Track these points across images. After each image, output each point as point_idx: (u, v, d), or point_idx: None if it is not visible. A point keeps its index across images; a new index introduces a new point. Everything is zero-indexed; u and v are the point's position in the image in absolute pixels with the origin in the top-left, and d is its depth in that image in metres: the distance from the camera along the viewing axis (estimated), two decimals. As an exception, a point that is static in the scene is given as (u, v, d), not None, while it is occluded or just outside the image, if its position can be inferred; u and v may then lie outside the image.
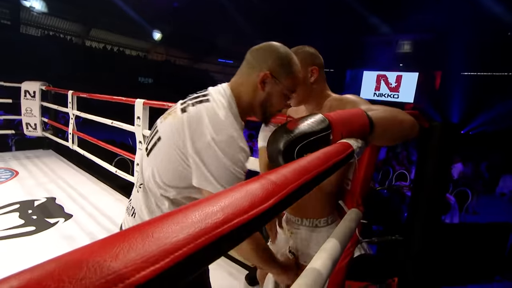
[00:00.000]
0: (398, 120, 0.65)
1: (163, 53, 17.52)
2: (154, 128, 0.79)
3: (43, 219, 2.18)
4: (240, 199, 0.20)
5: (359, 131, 0.56)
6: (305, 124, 0.51)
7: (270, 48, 0.72)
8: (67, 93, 3.28)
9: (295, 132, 0.50)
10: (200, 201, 0.19)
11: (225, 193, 0.20)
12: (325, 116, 0.53)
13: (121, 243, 0.13)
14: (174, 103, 1.68)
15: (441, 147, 0.90)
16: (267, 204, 0.21)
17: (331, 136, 0.52)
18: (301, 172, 0.29)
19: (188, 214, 0.17)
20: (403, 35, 13.28)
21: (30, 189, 2.69)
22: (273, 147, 0.51)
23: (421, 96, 13.31)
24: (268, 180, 0.25)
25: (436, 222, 0.93)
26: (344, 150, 0.46)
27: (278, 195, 0.23)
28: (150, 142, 0.78)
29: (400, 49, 13.94)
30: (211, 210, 0.17)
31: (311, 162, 0.33)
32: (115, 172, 2.61)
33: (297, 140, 0.49)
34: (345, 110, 0.59)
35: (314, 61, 0.91)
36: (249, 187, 0.22)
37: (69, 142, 3.42)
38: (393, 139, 0.69)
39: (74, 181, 3.04)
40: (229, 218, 0.17)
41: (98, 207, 2.47)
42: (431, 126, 0.92)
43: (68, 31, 14.18)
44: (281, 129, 0.53)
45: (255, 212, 0.19)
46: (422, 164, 0.92)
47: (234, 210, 0.18)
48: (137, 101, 2.20)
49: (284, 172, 0.27)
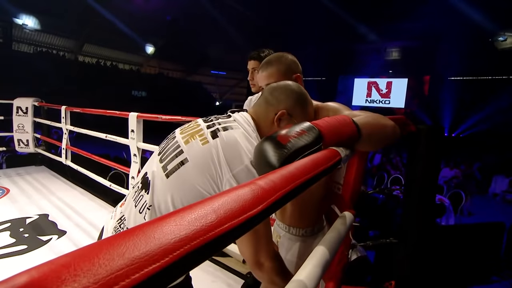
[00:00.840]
0: (381, 125, 0.66)
1: (156, 66, 17.65)
2: (173, 147, 0.74)
3: (35, 236, 2.13)
4: (231, 203, 0.22)
5: (348, 139, 0.56)
6: (300, 138, 0.49)
7: (287, 88, 0.78)
8: (61, 108, 3.27)
9: (289, 148, 0.48)
10: (196, 205, 0.20)
11: (217, 198, 0.22)
12: (314, 125, 0.52)
13: (126, 242, 0.15)
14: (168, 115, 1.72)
15: (429, 149, 0.93)
16: (256, 210, 0.23)
17: (322, 147, 0.52)
18: (290, 178, 0.31)
19: (185, 216, 0.18)
20: (391, 43, 13.69)
21: (22, 206, 2.64)
22: (266, 163, 0.48)
23: (411, 101, 13.63)
24: (258, 186, 0.26)
25: (429, 223, 0.95)
26: (332, 158, 0.47)
27: (267, 201, 0.25)
28: (170, 163, 0.72)
29: (389, 56, 14.33)
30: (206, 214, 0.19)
31: (299, 169, 0.34)
32: (109, 186, 2.59)
33: (293, 156, 0.47)
34: (332, 117, 0.58)
35: (296, 68, 0.93)
36: (240, 192, 0.24)
37: (63, 157, 3.39)
38: (378, 144, 0.70)
39: (67, 196, 2.99)
40: (221, 222, 0.19)
41: (92, 223, 2.43)
42: (418, 130, 0.96)
43: (61, 47, 14.23)
44: (271, 143, 0.49)
45: (244, 217, 0.21)
46: (411, 167, 0.95)
47: (226, 214, 0.20)
48: (130, 115, 2.21)
49: (273, 178, 0.29)
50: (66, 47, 14.40)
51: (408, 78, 13.69)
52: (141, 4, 13.07)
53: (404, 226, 0.95)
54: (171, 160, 0.72)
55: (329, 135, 0.52)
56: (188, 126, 0.79)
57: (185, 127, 0.80)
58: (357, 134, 0.58)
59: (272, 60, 0.92)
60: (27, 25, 12.41)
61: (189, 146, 0.71)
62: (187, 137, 0.74)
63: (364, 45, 13.97)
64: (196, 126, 0.76)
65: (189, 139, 0.73)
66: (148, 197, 0.72)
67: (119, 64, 16.15)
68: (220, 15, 13.42)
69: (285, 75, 0.90)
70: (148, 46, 16.33)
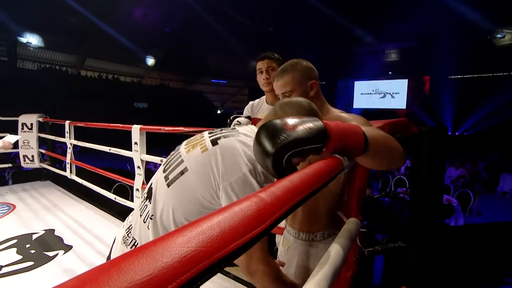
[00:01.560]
0: (389, 146, 0.64)
1: (157, 77, 17.86)
2: (176, 158, 0.75)
3: (42, 252, 2.13)
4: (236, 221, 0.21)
5: (352, 149, 0.54)
6: (302, 129, 0.46)
7: (298, 104, 0.78)
8: (64, 123, 3.31)
9: (289, 135, 0.45)
10: (201, 223, 0.20)
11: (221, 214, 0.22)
12: (325, 124, 0.49)
13: (135, 267, 0.15)
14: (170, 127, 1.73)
15: (432, 150, 0.92)
16: (261, 228, 0.22)
17: (324, 148, 0.49)
18: (293, 191, 0.30)
19: (191, 235, 0.18)
20: (389, 44, 13.74)
21: (28, 222, 2.64)
22: (262, 149, 0.46)
23: (412, 101, 13.60)
24: (261, 200, 0.26)
25: (437, 225, 0.94)
26: (336, 168, 0.46)
27: (271, 217, 0.24)
28: (171, 172, 0.72)
29: (387, 58, 14.36)
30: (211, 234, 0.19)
31: (303, 180, 0.33)
32: (114, 199, 2.59)
33: (290, 145, 0.45)
34: (345, 123, 0.56)
35: (312, 75, 0.93)
36: (243, 206, 0.24)
37: (67, 171, 3.41)
38: (380, 163, 0.68)
39: (73, 211, 3.00)
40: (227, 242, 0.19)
41: (98, 236, 2.43)
42: (420, 131, 0.96)
43: (63, 63, 14.50)
44: (274, 127, 0.47)
45: (249, 235, 0.21)
46: (415, 168, 0.94)
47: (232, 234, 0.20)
48: (133, 127, 2.23)
49: (277, 191, 0.29)
50: (68, 62, 14.67)
51: (408, 78, 13.69)
52: (140, 18, 13.33)
53: (411, 229, 0.94)
54: (173, 170, 0.73)
55: (335, 137, 0.50)
56: (194, 138, 0.80)
57: (191, 139, 0.81)
58: (364, 147, 0.56)
59: (287, 68, 0.92)
60: (31, 43, 12.68)
61: (189, 155, 0.72)
62: (189, 147, 0.75)
63: (362, 47, 14.04)
64: (200, 137, 0.77)
65: (191, 149, 0.74)
66: (151, 206, 0.73)
67: (120, 76, 16.38)
68: (218, 24, 13.62)
69: (301, 83, 0.90)
70: (149, 58, 16.57)
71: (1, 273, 1.86)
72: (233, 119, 1.31)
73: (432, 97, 12.88)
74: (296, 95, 0.89)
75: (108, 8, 12.20)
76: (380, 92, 14.68)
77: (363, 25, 12.49)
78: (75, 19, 11.81)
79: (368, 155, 0.58)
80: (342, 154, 0.55)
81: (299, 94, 0.90)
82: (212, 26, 13.66)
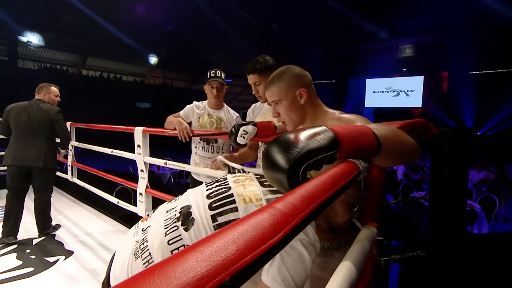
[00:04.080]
0: (402, 140, 0.64)
1: (160, 76, 18.06)
2: (228, 199, 0.72)
3: (42, 258, 2.17)
4: (251, 231, 0.21)
5: (366, 150, 0.54)
6: (312, 140, 0.47)
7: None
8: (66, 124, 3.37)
9: (302, 148, 0.46)
10: (215, 237, 0.20)
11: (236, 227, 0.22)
12: (332, 130, 0.50)
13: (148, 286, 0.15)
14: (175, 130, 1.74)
15: (454, 154, 0.90)
16: (277, 237, 0.22)
17: (337, 154, 0.50)
18: (309, 199, 0.30)
19: (205, 250, 0.18)
20: (402, 40, 13.55)
21: (28, 226, 2.69)
22: (274, 165, 0.47)
23: (429, 99, 13.36)
24: (277, 210, 0.26)
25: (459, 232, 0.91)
26: (351, 172, 0.45)
27: (287, 226, 0.24)
28: (222, 215, 0.70)
29: (401, 54, 14.18)
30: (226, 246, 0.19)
31: (318, 188, 0.33)
32: (117, 203, 2.62)
33: (303, 158, 0.45)
34: (351, 125, 0.57)
35: (300, 83, 0.96)
36: (259, 218, 0.23)
37: (69, 174, 3.46)
38: (396, 160, 0.68)
39: (74, 215, 3.04)
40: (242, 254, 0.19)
41: (100, 241, 2.46)
42: (441, 133, 0.93)
43: (64, 62, 14.80)
44: (280, 143, 0.48)
45: (266, 246, 0.20)
46: (436, 173, 0.92)
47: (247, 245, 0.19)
48: (136, 129, 2.25)
49: (291, 200, 0.28)
50: (69, 61, 14.97)
51: (424, 75, 13.48)
52: (142, 15, 13.51)
53: (432, 237, 0.92)
54: (224, 213, 0.69)
55: (346, 142, 0.50)
56: (244, 179, 0.79)
57: (240, 178, 0.80)
58: (377, 146, 0.56)
59: (274, 79, 0.97)
60: (32, 42, 12.99)
61: (245, 209, 0.69)
62: (243, 195, 0.72)
63: (374, 44, 13.88)
64: (254, 186, 0.75)
65: (246, 199, 0.71)
66: (186, 236, 0.68)
67: (122, 76, 16.62)
68: (223, 21, 13.69)
69: (287, 92, 0.95)
70: (151, 56, 16.77)
71: (1, 279, 1.90)
72: (238, 129, 1.31)
73: (451, 94, 12.58)
74: (285, 103, 0.96)
75: (110, 6, 12.41)
76: (394, 90, 14.50)
77: (375, 19, 12.34)
78: (76, 17, 12.06)
79: (382, 153, 0.57)
80: (356, 157, 0.54)
81: (288, 103, 0.96)
82: (217, 23, 13.74)
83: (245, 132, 1.30)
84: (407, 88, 14.08)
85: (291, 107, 0.96)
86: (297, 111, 0.96)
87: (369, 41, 13.63)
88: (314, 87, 1.01)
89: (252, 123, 1.33)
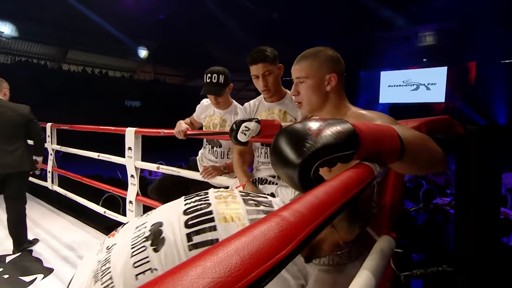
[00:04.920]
0: (429, 149, 0.65)
1: (151, 71, 18.14)
2: (207, 216, 0.71)
3: (17, 277, 2.15)
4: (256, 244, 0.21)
5: (387, 154, 0.54)
6: (331, 133, 0.46)
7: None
8: (45, 126, 3.38)
9: (317, 142, 0.45)
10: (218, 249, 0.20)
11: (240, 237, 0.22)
12: (354, 126, 0.49)
13: None
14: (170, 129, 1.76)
15: (483, 155, 0.90)
16: (285, 252, 0.22)
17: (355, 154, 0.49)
18: (320, 207, 0.30)
19: (207, 265, 0.18)
20: (423, 27, 13.46)
21: (1, 241, 2.68)
22: (284, 158, 0.46)
23: (453, 93, 13.27)
24: (284, 220, 0.25)
25: (491, 244, 0.90)
26: (365, 178, 0.45)
27: (296, 239, 0.24)
28: (198, 234, 0.67)
29: (421, 42, 14.11)
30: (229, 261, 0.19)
31: (329, 194, 0.33)
32: (103, 213, 2.63)
33: (318, 153, 0.45)
34: (376, 124, 0.56)
35: (333, 68, 0.96)
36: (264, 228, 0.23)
37: (48, 181, 3.48)
38: (419, 169, 0.69)
39: (54, 227, 3.05)
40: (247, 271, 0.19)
41: (83, 256, 2.46)
42: (468, 131, 0.93)
43: (42, 55, 14.87)
44: (297, 132, 0.47)
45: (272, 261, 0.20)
46: (462, 177, 0.92)
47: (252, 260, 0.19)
48: (127, 130, 2.25)
49: (300, 208, 0.28)
50: (47, 55, 15.04)
51: (448, 66, 13.41)
52: (130, 3, 13.60)
53: (459, 250, 0.91)
54: (201, 231, 0.68)
55: (367, 143, 0.50)
56: (227, 196, 0.79)
57: (223, 194, 0.80)
58: (400, 151, 0.55)
59: (308, 54, 0.98)
60: (3, 33, 13.06)
61: (224, 228, 0.68)
62: (224, 213, 0.71)
63: (390, 32, 13.83)
64: (236, 204, 0.74)
65: (227, 217, 0.71)
66: (155, 258, 0.65)
67: (109, 71, 16.70)
68: (222, 9, 13.73)
69: (318, 72, 0.96)
70: (141, 49, 16.85)
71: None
72: (240, 124, 1.32)
73: (479, 87, 12.40)
74: (311, 83, 0.96)
75: (94, -7, 12.49)
76: (412, 84, 14.46)
77: (390, 3, 12.27)
78: (55, 5, 12.11)
79: (405, 160, 0.57)
80: (373, 160, 0.54)
81: (313, 83, 0.95)
82: (214, 12, 13.77)
83: (247, 129, 1.31)
84: (427, 81, 14.05)
85: (315, 89, 0.96)
86: (319, 95, 0.96)
87: (384, 28, 13.58)
88: (344, 79, 1.02)
89: (255, 120, 1.33)
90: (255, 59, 1.49)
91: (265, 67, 1.49)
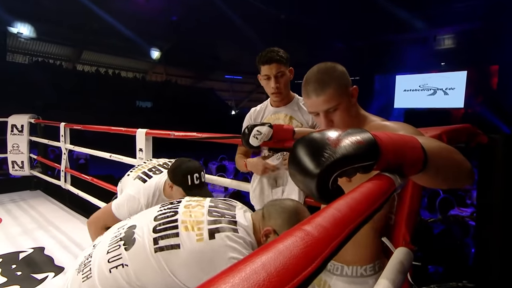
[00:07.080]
0: (455, 162, 0.62)
1: (163, 72, 18.42)
2: (172, 224, 0.91)
3: (29, 275, 2.19)
4: (283, 261, 0.21)
5: (409, 166, 0.53)
6: (350, 143, 0.46)
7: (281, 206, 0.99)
8: (59, 125, 3.45)
9: (336, 152, 0.44)
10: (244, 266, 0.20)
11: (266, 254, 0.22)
12: (375, 137, 0.48)
13: None
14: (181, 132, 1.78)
15: (508, 165, 0.87)
16: (311, 268, 0.21)
17: (375, 165, 0.49)
18: (343, 222, 0.29)
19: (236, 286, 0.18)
20: (441, 29, 13.20)
21: (15, 238, 2.75)
22: (302, 168, 0.46)
23: (473, 98, 12.95)
24: (308, 235, 0.25)
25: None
26: (387, 190, 0.44)
27: (322, 255, 0.23)
28: (162, 239, 0.88)
29: (439, 45, 13.85)
30: (258, 280, 0.19)
31: (352, 208, 0.33)
32: (113, 213, 2.66)
33: (337, 164, 0.44)
34: (398, 134, 0.55)
35: (348, 79, 0.93)
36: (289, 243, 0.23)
37: (61, 180, 3.55)
38: (442, 184, 0.67)
39: (66, 226, 3.10)
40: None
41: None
42: (491, 140, 0.90)
43: (57, 56, 15.32)
44: (316, 142, 0.47)
45: (300, 278, 0.20)
46: (485, 188, 0.89)
47: (280, 278, 0.19)
48: (138, 131, 2.28)
49: (323, 222, 0.28)
50: (63, 55, 15.48)
51: (468, 69, 13.10)
52: (143, 4, 13.84)
53: (481, 264, 0.88)
54: (165, 237, 0.86)
55: (388, 153, 0.49)
56: (195, 205, 0.94)
57: (192, 204, 0.96)
58: (423, 163, 0.54)
59: (325, 78, 0.87)
60: (22, 34, 13.50)
61: (186, 236, 0.85)
62: (187, 222, 0.88)
63: (406, 34, 13.62)
64: (200, 214, 0.91)
65: (189, 227, 0.87)
66: (126, 256, 0.85)
67: (121, 72, 17.04)
68: (233, 11, 13.82)
69: (343, 93, 0.88)
70: (153, 50, 17.14)
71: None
72: (252, 129, 1.32)
73: (503, 92, 12.01)
74: (343, 107, 0.88)
75: (108, -6, 12.78)
76: (430, 88, 14.19)
77: (407, 5, 12.06)
78: (70, 7, 12.45)
79: (428, 172, 0.55)
80: (393, 171, 0.53)
81: (346, 107, 0.88)
82: (225, 13, 13.87)
83: (259, 133, 1.31)
84: (446, 86, 13.77)
85: (349, 109, 0.90)
86: (353, 113, 0.92)
87: (400, 30, 13.36)
88: None
89: (268, 124, 1.34)
90: (270, 58, 1.47)
91: (278, 68, 1.48)
